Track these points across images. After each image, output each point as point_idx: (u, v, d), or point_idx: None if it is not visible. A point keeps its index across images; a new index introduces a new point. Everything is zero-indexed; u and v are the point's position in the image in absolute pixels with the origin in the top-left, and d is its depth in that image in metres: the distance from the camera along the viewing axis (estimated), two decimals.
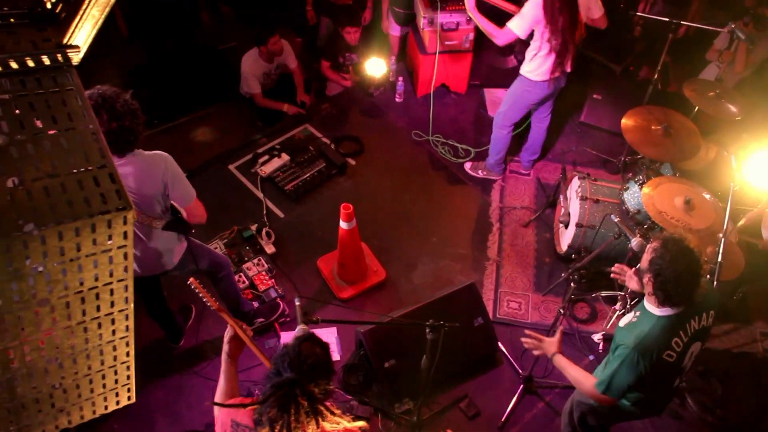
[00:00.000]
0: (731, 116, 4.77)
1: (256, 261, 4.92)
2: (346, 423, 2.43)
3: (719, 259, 3.90)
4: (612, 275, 3.89)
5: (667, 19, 4.82)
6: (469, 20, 5.74)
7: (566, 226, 5.09)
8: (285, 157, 5.56)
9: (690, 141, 4.62)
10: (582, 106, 6.18)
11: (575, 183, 5.01)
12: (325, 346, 2.59)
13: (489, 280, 5.06)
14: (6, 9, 1.55)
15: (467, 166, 5.81)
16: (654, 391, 3.19)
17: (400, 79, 6.24)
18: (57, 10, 1.59)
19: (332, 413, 2.39)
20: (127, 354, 1.83)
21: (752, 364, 4.69)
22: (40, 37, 1.58)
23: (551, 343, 3.39)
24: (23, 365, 1.62)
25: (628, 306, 4.57)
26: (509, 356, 4.65)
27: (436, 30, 5.76)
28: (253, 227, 5.12)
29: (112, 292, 1.61)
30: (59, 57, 1.55)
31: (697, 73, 5.89)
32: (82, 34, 1.54)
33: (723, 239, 3.90)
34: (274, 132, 5.86)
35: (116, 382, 1.89)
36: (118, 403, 1.98)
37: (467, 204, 5.58)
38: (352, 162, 5.73)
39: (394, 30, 6.38)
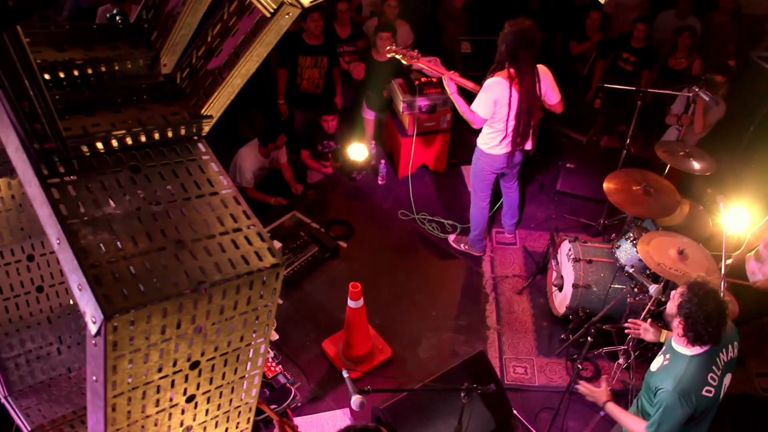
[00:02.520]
0: (701, 172, 5.12)
1: None
2: None
3: None
4: (626, 330, 4.05)
5: (634, 88, 5.22)
6: (446, 101, 6.05)
7: (560, 289, 5.26)
8: (277, 245, 5.59)
9: (669, 197, 4.91)
10: (557, 175, 6.50)
11: (565, 246, 5.22)
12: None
13: (492, 348, 5.13)
14: (143, 85, 1.64)
15: (451, 238, 5.98)
16: (699, 428, 3.28)
17: (383, 162, 6.45)
18: (183, 85, 1.69)
19: None
20: (248, 420, 1.83)
21: (754, 405, 4.85)
22: (168, 111, 1.66)
23: (602, 393, 3.51)
24: None
25: (632, 359, 4.70)
26: (524, 420, 4.66)
27: (415, 113, 6.03)
28: None
29: (251, 353, 1.63)
30: (194, 128, 1.63)
31: (655, 137, 6.32)
32: (217, 105, 1.63)
33: (723, 282, 4.12)
34: (262, 221, 5.88)
35: None
36: None
37: (460, 277, 5.70)
38: (344, 245, 5.81)
39: (368, 114, 6.64)
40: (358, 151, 6.12)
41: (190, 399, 1.59)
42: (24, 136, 1.36)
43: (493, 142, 5.14)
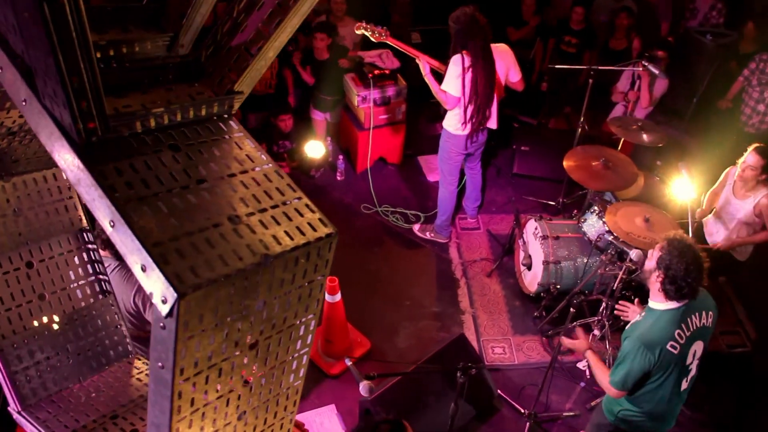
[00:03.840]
0: (653, 144, 5.31)
1: None
2: None
3: None
4: (616, 312, 4.14)
5: (585, 67, 5.36)
6: (400, 92, 6.08)
7: (529, 268, 5.35)
8: None
9: (627, 170, 5.07)
10: (512, 158, 6.62)
11: (531, 225, 5.32)
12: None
13: (469, 332, 5.18)
14: (169, 65, 1.58)
15: (416, 228, 6.01)
16: (662, 392, 3.36)
17: (340, 157, 6.42)
18: (207, 64, 1.64)
19: None
20: (294, 404, 1.80)
21: (721, 362, 5.06)
22: (193, 91, 1.61)
23: (582, 343, 3.63)
24: (221, 425, 1.56)
25: (606, 329, 4.83)
26: (508, 399, 4.72)
27: (370, 106, 6.03)
28: None
29: (302, 329, 1.60)
30: (225, 105, 1.59)
31: (600, 115, 6.51)
32: (248, 80, 1.59)
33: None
34: None
35: None
36: None
37: (429, 264, 5.74)
38: None
39: (316, 115, 6.59)
40: (314, 149, 6.08)
41: (247, 382, 1.55)
42: (67, 116, 1.29)
43: (458, 123, 5.20)
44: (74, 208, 2.20)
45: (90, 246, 2.24)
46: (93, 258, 2.23)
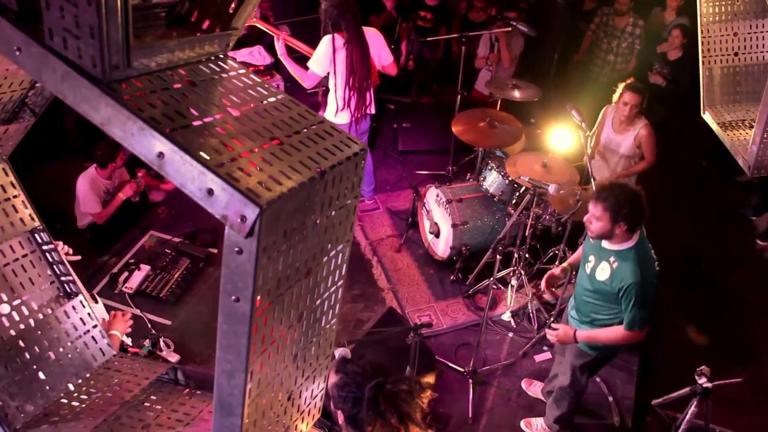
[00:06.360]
0: (530, 98, 5.62)
1: None
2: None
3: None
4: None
5: (458, 35, 5.58)
6: (278, 85, 6.00)
7: (437, 236, 5.49)
8: (145, 268, 5.19)
9: (513, 126, 5.36)
10: (395, 137, 6.75)
11: (432, 193, 5.45)
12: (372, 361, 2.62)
13: (393, 306, 5.23)
14: (161, 14, 1.50)
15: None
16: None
17: None
18: (189, 9, 1.58)
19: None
20: (330, 346, 1.77)
21: None
22: (182, 34, 1.55)
23: (566, 330, 3.68)
24: (281, 368, 1.50)
25: (523, 277, 5.06)
26: (446, 362, 4.82)
27: None
28: (147, 342, 4.69)
29: (339, 257, 1.58)
30: (224, 43, 1.54)
31: (465, 84, 6.81)
32: (244, 16, 1.55)
33: (594, 181, 4.60)
34: (121, 249, 5.45)
35: (318, 386, 1.79)
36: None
37: None
38: (214, 251, 5.55)
39: None
40: None
41: (300, 317, 1.50)
42: (92, 49, 1.20)
43: (338, 110, 5.19)
44: (23, 206, 2.00)
45: (46, 247, 2.04)
46: (52, 259, 2.04)
